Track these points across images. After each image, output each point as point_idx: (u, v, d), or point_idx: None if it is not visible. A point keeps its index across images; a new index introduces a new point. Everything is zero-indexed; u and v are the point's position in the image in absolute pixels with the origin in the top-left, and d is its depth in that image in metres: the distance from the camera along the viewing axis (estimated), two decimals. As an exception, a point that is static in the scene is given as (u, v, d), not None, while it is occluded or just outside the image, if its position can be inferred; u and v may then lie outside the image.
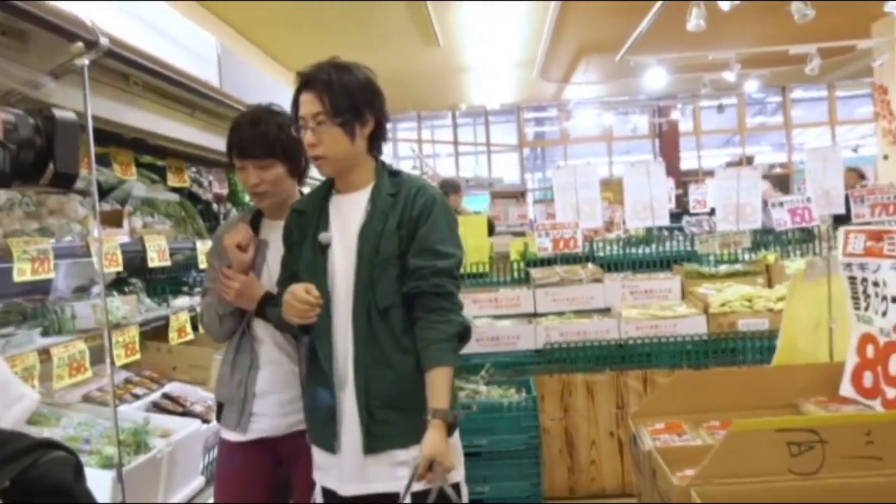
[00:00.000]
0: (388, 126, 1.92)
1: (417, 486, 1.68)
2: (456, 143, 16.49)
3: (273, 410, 2.03)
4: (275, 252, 2.04)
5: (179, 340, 2.98)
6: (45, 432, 2.09)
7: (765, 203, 4.48)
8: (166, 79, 2.40)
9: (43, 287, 2.85)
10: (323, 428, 1.83)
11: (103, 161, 2.85)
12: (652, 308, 3.76)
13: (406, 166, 10.57)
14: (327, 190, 1.92)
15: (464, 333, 1.79)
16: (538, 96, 14.22)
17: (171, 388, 2.85)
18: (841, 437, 1.28)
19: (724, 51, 6.81)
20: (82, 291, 2.91)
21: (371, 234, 1.78)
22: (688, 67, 8.28)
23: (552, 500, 3.55)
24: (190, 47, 3.15)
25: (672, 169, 14.21)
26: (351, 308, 1.78)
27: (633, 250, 4.27)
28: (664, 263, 4.26)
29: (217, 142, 3.28)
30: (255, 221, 2.12)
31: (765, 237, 4.45)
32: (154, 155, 3.22)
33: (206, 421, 2.56)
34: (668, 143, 15.49)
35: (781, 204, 4.17)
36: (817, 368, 1.72)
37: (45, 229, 2.31)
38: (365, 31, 7.29)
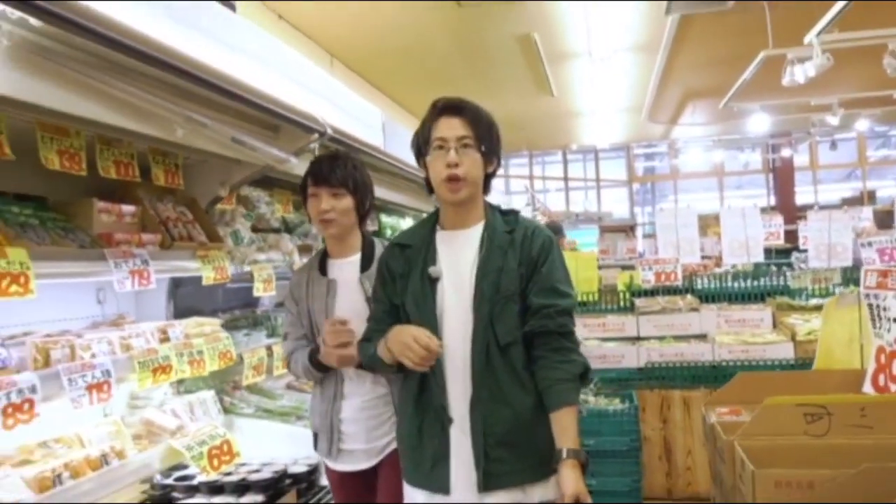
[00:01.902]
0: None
1: None
2: (566, 178, 17.05)
3: (360, 437, 2.15)
4: (343, 289, 2.17)
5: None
6: (276, 403, 2.93)
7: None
8: (356, 150, 3.24)
9: (253, 301, 3.77)
10: (431, 469, 1.79)
11: (295, 205, 3.78)
12: (744, 335, 4.25)
13: (518, 201, 11.27)
14: (432, 225, 1.93)
15: (584, 374, 1.78)
16: (647, 136, 14.64)
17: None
18: (843, 411, 1.87)
19: (827, 96, 7.15)
20: (281, 306, 3.80)
21: (490, 271, 1.79)
22: (793, 109, 8.57)
23: (652, 499, 4.09)
24: (361, 118, 4.02)
25: (786, 204, 14.17)
26: (469, 344, 1.77)
27: (729, 284, 4.74)
28: (758, 296, 4.71)
29: (380, 191, 4.15)
30: (322, 264, 2.26)
31: (856, 273, 4.79)
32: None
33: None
34: (782, 178, 15.40)
35: (871, 244, 4.54)
36: (849, 373, 2.27)
37: (270, 259, 3.18)
38: (488, 83, 8.15)
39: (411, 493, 1.86)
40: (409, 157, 4.29)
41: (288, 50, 3.23)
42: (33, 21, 1.43)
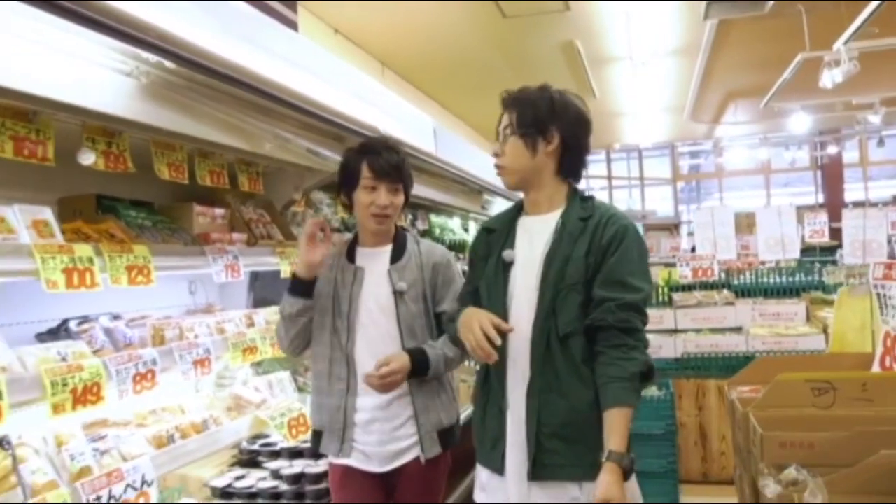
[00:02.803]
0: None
1: None
2: (610, 177, 17.15)
3: (373, 439, 2.10)
4: (370, 277, 2.15)
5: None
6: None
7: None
8: (413, 157, 3.57)
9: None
10: (491, 449, 1.82)
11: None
12: (778, 328, 4.45)
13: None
14: (517, 211, 1.93)
15: (647, 373, 1.69)
16: (690, 135, 14.68)
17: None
18: (846, 385, 2.12)
19: (869, 95, 7.22)
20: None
21: (558, 259, 1.74)
22: (836, 108, 8.64)
23: (688, 482, 4.34)
24: (414, 126, 4.35)
25: (834, 201, 14.06)
26: (530, 331, 1.75)
27: (764, 279, 4.94)
28: (794, 291, 4.89)
29: (432, 193, 4.50)
30: (350, 250, 2.23)
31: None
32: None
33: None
34: (830, 175, 15.27)
35: (903, 240, 4.71)
36: (860, 356, 2.51)
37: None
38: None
39: (479, 470, 1.91)
40: (458, 161, 4.64)
41: (347, 65, 3.58)
42: (168, 63, 1.80)
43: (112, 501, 1.97)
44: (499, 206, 6.23)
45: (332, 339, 2.15)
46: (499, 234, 1.91)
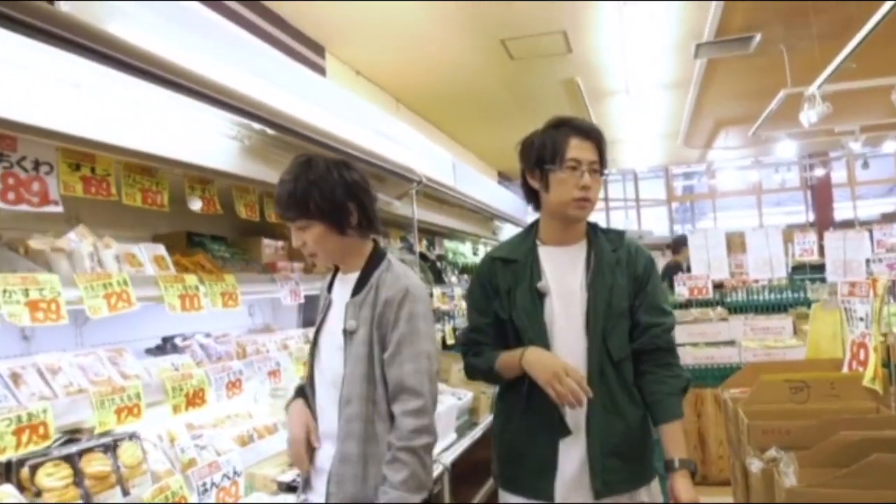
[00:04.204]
0: None
1: None
2: (607, 199, 17.61)
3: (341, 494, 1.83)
4: (334, 310, 1.91)
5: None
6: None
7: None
8: (437, 191, 4.03)
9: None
10: (538, 478, 1.85)
11: (383, 234, 4.59)
12: (767, 341, 4.89)
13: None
14: (532, 241, 1.99)
15: (686, 387, 1.91)
16: (684, 159, 15.21)
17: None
18: (818, 384, 2.56)
19: (849, 124, 7.74)
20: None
21: (602, 289, 1.85)
22: (819, 134, 9.18)
23: (689, 483, 4.74)
24: (435, 162, 4.82)
25: (824, 220, 14.55)
26: (584, 358, 1.83)
27: (755, 297, 5.38)
28: (782, 307, 5.34)
29: (450, 221, 4.94)
30: (335, 276, 1.99)
31: (872, 287, 5.38)
32: (405, 230, 4.93)
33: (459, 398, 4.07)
34: (819, 195, 15.79)
35: (881, 260, 5.14)
36: (831, 361, 2.95)
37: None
38: (535, 119, 8.85)
39: (508, 499, 1.93)
40: (474, 192, 5.09)
41: (383, 112, 4.04)
42: (269, 130, 2.25)
43: (214, 488, 2.39)
44: (508, 230, 6.69)
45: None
46: (521, 264, 1.94)
